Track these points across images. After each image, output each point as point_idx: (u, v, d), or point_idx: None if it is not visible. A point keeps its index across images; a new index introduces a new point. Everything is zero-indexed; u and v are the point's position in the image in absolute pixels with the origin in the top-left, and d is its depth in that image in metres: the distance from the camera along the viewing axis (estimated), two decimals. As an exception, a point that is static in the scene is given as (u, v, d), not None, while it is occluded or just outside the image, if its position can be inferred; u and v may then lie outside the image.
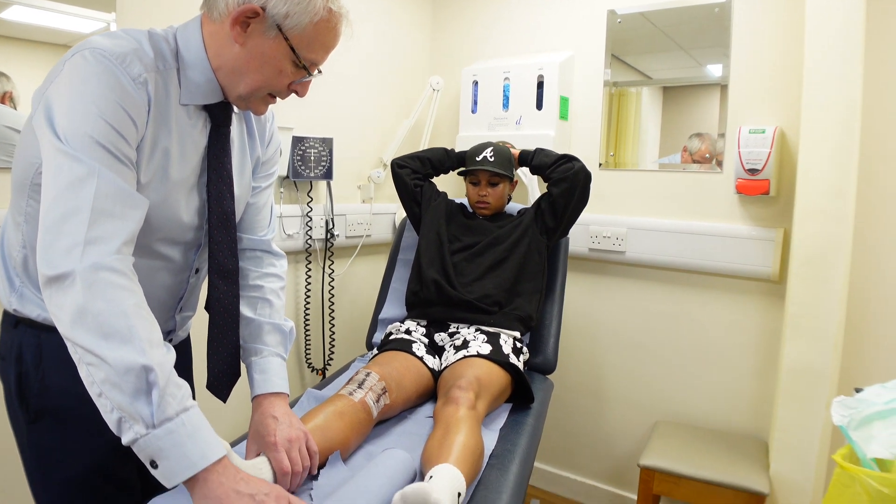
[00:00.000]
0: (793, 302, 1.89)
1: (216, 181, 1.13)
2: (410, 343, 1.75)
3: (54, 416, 1.12)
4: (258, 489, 0.91)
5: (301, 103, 2.22)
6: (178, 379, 0.90)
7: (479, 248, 1.98)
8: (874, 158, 1.91)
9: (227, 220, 1.16)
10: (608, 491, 2.55)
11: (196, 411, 0.89)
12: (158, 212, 1.05)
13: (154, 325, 0.91)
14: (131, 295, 0.89)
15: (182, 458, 0.85)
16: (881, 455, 1.17)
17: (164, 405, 0.84)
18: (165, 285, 1.17)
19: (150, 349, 0.86)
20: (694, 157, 2.27)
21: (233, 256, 1.18)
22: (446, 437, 1.27)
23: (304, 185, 2.29)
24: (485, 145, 2.05)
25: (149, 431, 0.84)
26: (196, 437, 0.87)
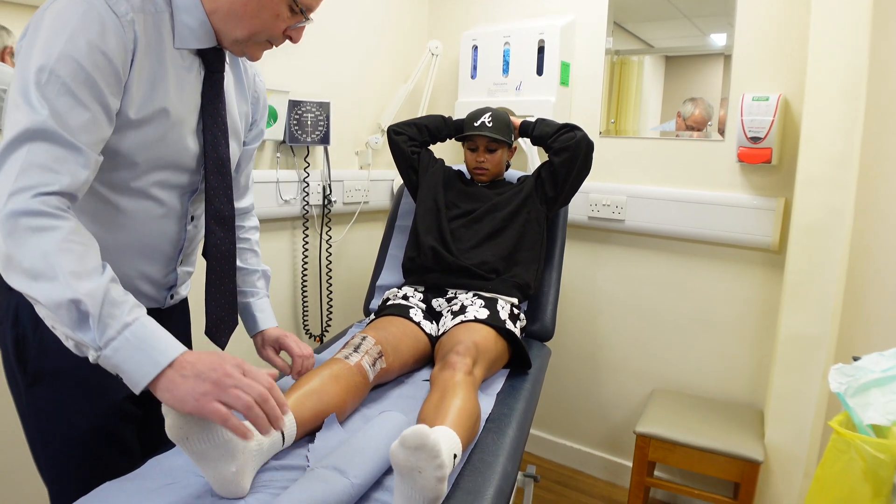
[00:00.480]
0: (792, 271, 1.88)
1: (211, 126, 1.14)
2: (408, 308, 1.74)
3: (52, 378, 1.12)
4: (211, 367, 0.91)
5: (297, 66, 2.21)
6: (117, 296, 0.91)
7: (477, 215, 1.96)
8: (878, 127, 1.89)
9: (223, 165, 1.17)
10: (604, 458, 2.58)
11: (139, 324, 0.91)
12: (156, 150, 1.06)
13: (85, 253, 0.91)
14: (53, 232, 0.88)
15: (136, 369, 0.89)
16: (877, 421, 1.17)
17: (103, 328, 0.88)
18: (165, 234, 1.16)
19: (77, 281, 0.87)
20: (688, 123, 2.25)
21: (229, 203, 1.20)
22: (443, 401, 1.27)
23: (300, 151, 2.27)
24: (483, 110, 2.02)
25: (99, 353, 0.88)
26: (144, 348, 0.90)
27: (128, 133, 1.02)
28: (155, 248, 1.16)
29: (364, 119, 2.54)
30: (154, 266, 1.18)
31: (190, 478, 1.08)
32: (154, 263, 1.18)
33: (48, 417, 1.14)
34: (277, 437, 1.12)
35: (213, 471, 0.99)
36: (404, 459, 0.94)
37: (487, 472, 1.19)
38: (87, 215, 1.05)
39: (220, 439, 0.98)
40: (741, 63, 2.10)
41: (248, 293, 1.44)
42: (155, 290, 1.21)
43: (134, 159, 1.04)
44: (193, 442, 0.97)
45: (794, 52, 1.97)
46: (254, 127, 1.38)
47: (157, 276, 1.20)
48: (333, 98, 2.30)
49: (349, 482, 1.01)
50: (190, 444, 0.97)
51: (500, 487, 1.16)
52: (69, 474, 1.18)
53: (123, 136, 1.02)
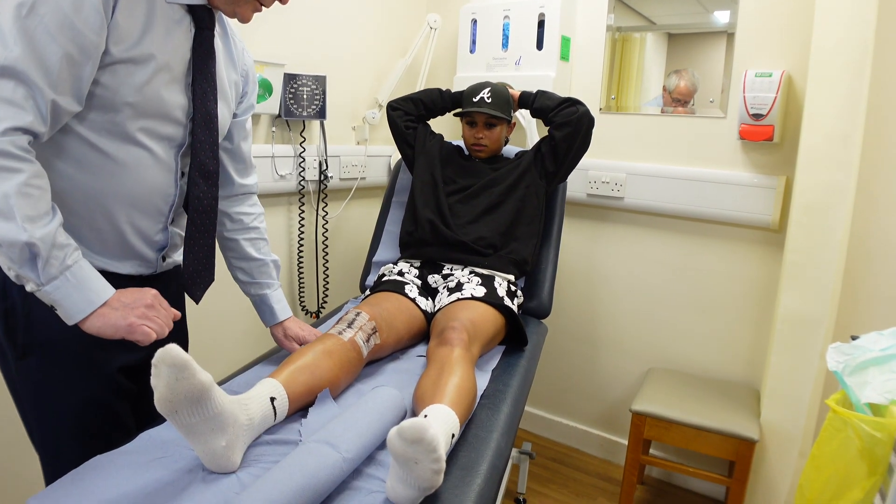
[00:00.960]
0: (791, 250, 1.86)
1: (201, 81, 1.16)
2: (403, 284, 1.73)
3: (42, 350, 1.12)
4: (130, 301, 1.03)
5: (293, 39, 2.17)
6: (63, 239, 0.98)
7: (474, 190, 1.94)
8: (882, 103, 1.86)
9: (210, 120, 1.19)
10: (600, 436, 2.58)
11: (78, 267, 1.00)
12: (142, 95, 1.06)
13: (41, 197, 0.96)
14: (16, 174, 0.93)
15: (72, 305, 0.99)
16: (875, 400, 1.16)
17: (48, 268, 0.96)
18: (156, 186, 1.16)
19: (32, 225, 0.94)
20: (673, 96, 2.22)
21: (214, 158, 1.22)
22: (440, 378, 1.26)
23: (296, 125, 2.23)
24: (482, 85, 1.98)
25: (40, 288, 0.97)
26: (81, 288, 0.99)
27: (112, 72, 1.02)
28: (146, 201, 1.15)
29: (361, 93, 2.50)
30: (146, 220, 1.17)
31: (181, 452, 1.07)
32: (146, 217, 1.17)
33: (40, 390, 1.14)
34: (269, 412, 1.12)
35: (202, 445, 0.98)
36: (401, 450, 0.93)
37: (482, 448, 1.19)
38: (77, 163, 1.06)
39: (209, 412, 0.97)
40: (744, 39, 2.06)
41: (263, 284, 1.47)
42: (147, 248, 1.21)
43: (120, 101, 1.05)
44: (182, 415, 0.96)
45: (798, 27, 1.94)
46: (244, 99, 1.37)
47: (149, 231, 1.19)
48: (330, 72, 2.26)
49: (341, 456, 1.00)
50: (179, 417, 0.96)
51: (494, 463, 1.15)
52: (63, 447, 1.18)
53: (108, 74, 1.02)
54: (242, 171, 1.43)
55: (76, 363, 1.13)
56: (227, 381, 1.39)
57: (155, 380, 0.94)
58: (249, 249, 1.44)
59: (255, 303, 1.50)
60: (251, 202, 1.47)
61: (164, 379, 0.93)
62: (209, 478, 1.00)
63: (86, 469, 1.02)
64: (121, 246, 1.16)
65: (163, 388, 0.94)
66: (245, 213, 1.44)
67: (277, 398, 1.14)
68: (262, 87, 2.02)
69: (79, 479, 0.99)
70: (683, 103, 2.21)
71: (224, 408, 0.99)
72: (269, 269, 1.48)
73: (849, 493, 1.14)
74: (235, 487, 0.98)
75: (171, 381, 0.93)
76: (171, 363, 0.93)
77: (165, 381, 0.93)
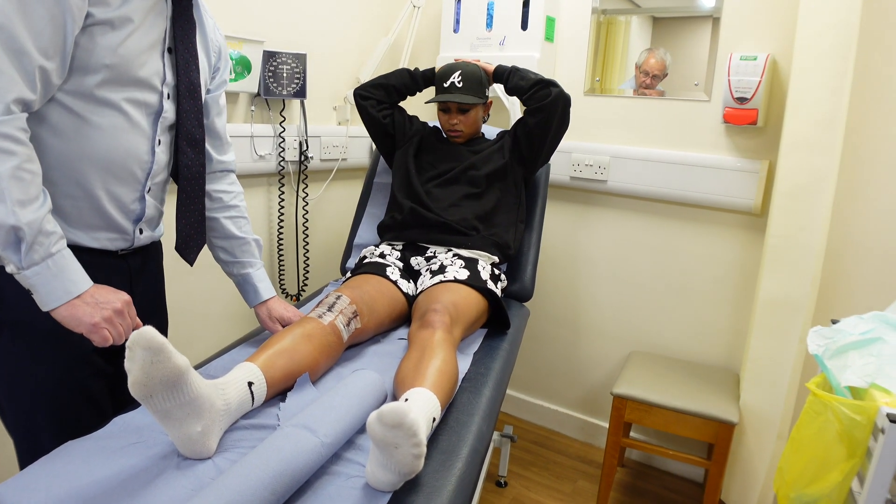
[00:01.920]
0: (773, 234, 1.87)
1: (182, 52, 1.17)
2: (384, 267, 1.70)
3: (15, 329, 1.11)
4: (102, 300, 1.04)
5: (272, 15, 2.12)
6: (49, 227, 1.00)
7: (453, 175, 1.90)
8: (867, 89, 1.85)
9: (194, 89, 1.21)
10: (580, 419, 2.59)
11: (61, 256, 1.01)
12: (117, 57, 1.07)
13: (32, 181, 0.98)
14: (11, 157, 0.95)
15: (48, 293, 1.01)
16: (855, 383, 1.16)
17: (31, 253, 0.98)
18: (131, 151, 1.15)
19: (21, 210, 0.95)
20: (643, 69, 2.22)
21: (200, 127, 1.25)
22: (422, 361, 1.24)
23: (276, 104, 2.19)
24: (452, 68, 1.93)
25: (20, 271, 0.98)
26: (60, 277, 1.01)
27: (90, 34, 1.03)
28: (121, 166, 1.14)
29: (343, 73, 2.46)
30: (121, 187, 1.16)
31: (156, 437, 1.05)
32: (121, 184, 1.16)
33: (13, 369, 1.13)
34: (246, 397, 1.10)
35: (178, 430, 0.96)
36: (381, 435, 0.92)
37: (462, 432, 1.18)
38: (51, 128, 1.05)
39: (185, 397, 0.95)
40: (729, 23, 2.05)
41: (246, 263, 1.46)
42: (123, 217, 1.19)
43: (96, 62, 1.05)
44: (157, 400, 0.94)
45: (783, 11, 1.93)
46: (217, 75, 1.36)
47: (124, 199, 1.18)
48: (311, 50, 2.21)
49: (319, 441, 0.99)
50: (154, 402, 0.94)
51: (475, 447, 1.15)
52: (37, 428, 1.16)
53: (85, 36, 1.02)
54: (219, 147, 1.41)
55: (50, 343, 1.12)
56: (205, 364, 1.37)
57: (129, 363, 0.92)
58: (231, 228, 1.43)
59: (238, 283, 1.49)
60: (230, 180, 1.46)
61: (138, 362, 0.91)
62: (184, 464, 0.98)
63: (57, 455, 1.00)
64: (96, 214, 1.14)
65: (137, 372, 0.91)
66: (224, 192, 1.43)
67: (255, 383, 1.12)
68: (240, 64, 1.97)
69: (49, 465, 0.96)
70: (654, 78, 2.20)
71: (200, 392, 0.97)
72: (251, 247, 1.47)
73: (828, 475, 1.14)
74: (211, 473, 0.97)
75: (146, 364, 0.91)
76: (147, 346, 0.91)
77: (140, 364, 0.91)
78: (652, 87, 2.22)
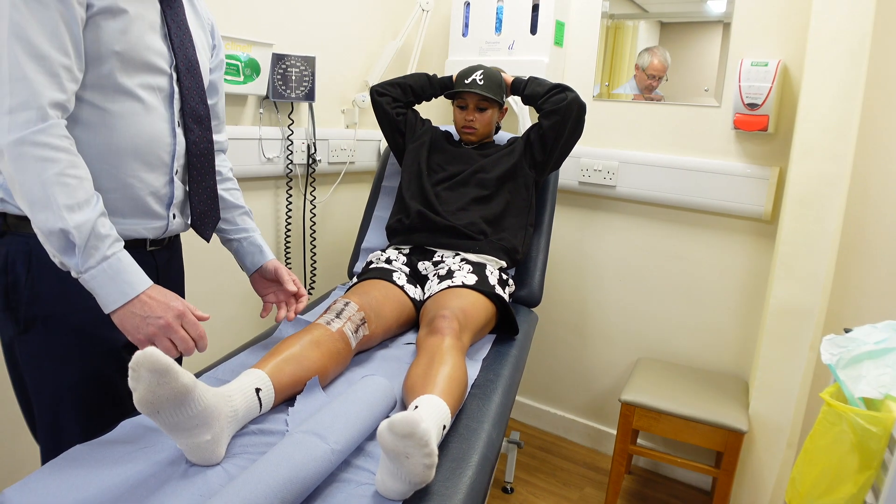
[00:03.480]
0: (784, 241, 1.85)
1: (176, 31, 1.18)
2: (391, 272, 1.69)
3: (45, 323, 1.12)
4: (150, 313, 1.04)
5: (282, 19, 2.12)
6: (104, 230, 1.02)
7: (462, 178, 1.90)
8: (878, 95, 1.84)
9: (193, 66, 1.22)
10: (588, 425, 2.58)
11: (116, 259, 1.03)
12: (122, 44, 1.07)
13: (79, 185, 1.00)
14: (53, 164, 0.97)
15: (107, 295, 1.02)
16: (869, 394, 1.15)
17: (86, 257, 0.99)
18: (155, 136, 1.16)
19: (69, 214, 0.97)
20: (647, 72, 2.21)
21: (203, 103, 1.26)
22: (431, 368, 1.23)
23: (284, 107, 2.19)
24: (475, 68, 1.95)
25: (80, 276, 1.01)
26: (117, 280, 1.02)
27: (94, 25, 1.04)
28: (147, 151, 1.16)
29: (351, 76, 2.46)
30: (152, 173, 1.18)
31: (164, 441, 1.05)
32: (151, 170, 1.17)
33: (41, 363, 1.14)
34: (254, 404, 1.09)
35: (187, 440, 0.96)
36: (392, 444, 0.90)
37: (472, 439, 1.16)
38: (74, 122, 1.06)
39: (193, 411, 0.94)
40: (740, 28, 2.04)
41: (241, 229, 1.48)
42: (157, 203, 1.21)
43: (106, 51, 1.06)
44: (165, 415, 0.93)
45: (795, 16, 1.92)
46: (214, 53, 1.38)
47: (156, 184, 1.19)
48: (319, 53, 2.21)
49: (329, 448, 0.98)
50: (161, 416, 0.93)
51: (485, 455, 1.13)
52: (62, 424, 1.16)
53: (90, 28, 1.04)
54: (217, 126, 1.43)
55: (80, 337, 1.14)
56: (213, 367, 1.36)
57: (134, 382, 0.91)
58: (229, 198, 1.46)
59: (239, 248, 1.49)
60: (222, 157, 1.48)
61: (144, 382, 0.90)
62: (192, 470, 0.97)
63: (65, 460, 0.99)
64: (132, 202, 1.16)
65: (143, 391, 0.90)
66: (221, 166, 1.46)
67: (263, 389, 1.11)
68: (249, 67, 1.97)
69: (57, 470, 0.96)
70: (657, 79, 2.19)
71: (208, 404, 0.96)
72: (248, 216, 1.50)
73: (841, 487, 1.13)
74: (220, 479, 0.96)
75: (152, 385, 0.90)
76: (152, 368, 0.89)
77: (146, 384, 0.90)
78: (654, 88, 2.21)
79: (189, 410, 0.94)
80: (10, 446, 1.61)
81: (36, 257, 1.08)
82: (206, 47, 1.31)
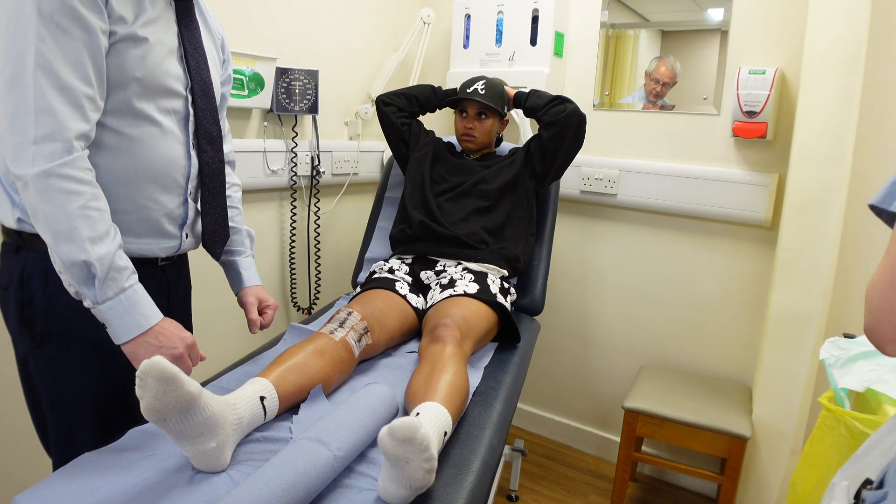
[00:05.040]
0: (784, 247, 1.86)
1: (192, 53, 1.20)
2: (394, 282, 1.71)
3: (61, 338, 1.14)
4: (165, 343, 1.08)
5: (286, 33, 2.15)
6: (122, 262, 1.05)
7: (464, 189, 1.92)
8: (876, 102, 1.86)
9: (208, 88, 1.24)
10: (592, 433, 2.58)
11: (133, 291, 1.06)
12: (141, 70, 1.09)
13: (100, 219, 1.02)
14: (77, 197, 0.99)
15: (121, 326, 1.05)
16: (852, 387, 1.17)
17: (105, 289, 1.02)
18: (171, 159, 1.18)
19: (92, 246, 1.00)
20: (653, 77, 2.23)
21: (216, 124, 1.27)
22: (433, 375, 1.25)
23: (288, 120, 2.22)
24: (478, 78, 1.98)
25: (95, 306, 1.03)
26: (132, 312, 1.05)
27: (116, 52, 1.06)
28: (165, 175, 1.18)
29: (354, 88, 2.49)
30: (167, 195, 1.19)
31: (171, 449, 1.07)
32: (167, 192, 1.19)
33: (56, 378, 1.15)
34: (258, 412, 1.11)
35: (192, 447, 0.98)
36: (392, 449, 0.92)
37: (474, 446, 1.18)
38: (101, 148, 1.08)
39: (199, 418, 0.96)
40: (738, 37, 2.06)
41: (234, 252, 1.48)
42: (171, 224, 1.23)
43: (128, 76, 1.08)
44: (171, 422, 0.95)
45: (791, 24, 1.94)
46: (225, 67, 1.41)
47: (171, 206, 1.21)
48: (322, 66, 2.24)
49: (332, 454, 0.99)
50: (168, 424, 0.95)
51: (486, 461, 1.15)
52: (77, 437, 1.17)
53: (112, 55, 1.05)
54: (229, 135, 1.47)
55: (97, 352, 1.14)
56: (219, 377, 1.38)
57: (141, 391, 0.93)
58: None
59: (227, 269, 1.50)
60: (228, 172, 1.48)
61: (150, 391, 0.93)
62: (198, 477, 0.99)
63: (74, 467, 1.01)
64: (146, 224, 1.18)
65: (150, 399, 0.93)
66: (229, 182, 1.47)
67: (267, 397, 1.13)
68: (253, 81, 2.00)
69: (67, 477, 0.98)
70: (664, 85, 2.21)
71: (213, 412, 0.98)
72: (241, 237, 1.49)
73: (841, 490, 1.14)
74: (225, 485, 0.97)
75: (159, 393, 0.93)
76: (158, 377, 0.92)
77: (153, 392, 0.93)
78: (662, 95, 2.23)
79: (195, 418, 0.96)
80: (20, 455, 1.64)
81: (52, 273, 1.09)
82: (217, 64, 1.33)
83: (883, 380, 1.13)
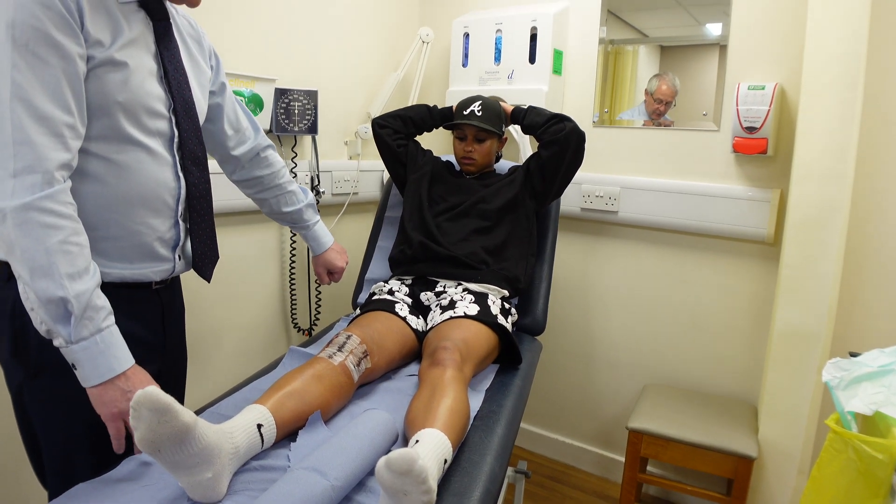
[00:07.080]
0: (787, 265, 1.85)
1: (172, 72, 1.19)
2: (393, 304, 1.70)
3: (54, 369, 1.11)
4: (134, 389, 1.03)
5: (284, 54, 2.16)
6: (99, 302, 1.02)
7: (463, 209, 1.91)
8: (876, 116, 1.85)
9: (190, 108, 1.23)
10: (596, 453, 2.55)
11: (109, 332, 1.02)
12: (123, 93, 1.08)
13: (79, 255, 1.00)
14: (57, 232, 0.97)
15: (93, 368, 1.01)
16: (860, 410, 1.14)
17: (80, 328, 0.99)
18: (160, 182, 1.18)
19: (70, 282, 0.97)
20: (655, 97, 2.22)
21: (200, 144, 1.27)
22: (432, 400, 1.23)
23: (288, 140, 2.22)
24: (474, 98, 1.97)
25: (68, 345, 0.99)
26: (106, 354, 1.02)
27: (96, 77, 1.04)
28: (155, 198, 1.17)
29: (353, 108, 2.49)
30: (157, 218, 1.19)
31: (166, 479, 1.05)
32: (157, 216, 1.18)
33: (51, 407, 1.14)
34: (256, 440, 1.09)
35: (188, 478, 0.96)
36: (390, 481, 0.91)
37: (475, 473, 1.16)
38: (82, 176, 1.06)
39: (194, 448, 0.94)
40: (737, 52, 2.06)
41: (302, 226, 1.74)
42: (163, 247, 1.22)
43: (110, 101, 1.07)
44: (166, 453, 0.94)
45: (790, 39, 1.93)
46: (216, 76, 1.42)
47: (162, 229, 1.20)
48: (321, 86, 2.24)
49: (329, 484, 0.98)
50: (163, 455, 0.94)
51: (488, 489, 1.13)
52: (74, 467, 1.16)
53: (93, 80, 1.04)
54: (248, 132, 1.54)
55: None
56: (216, 403, 1.36)
57: (135, 422, 0.91)
58: (283, 206, 1.66)
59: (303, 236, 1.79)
60: (266, 163, 1.60)
61: (144, 422, 0.91)
62: (194, 507, 0.97)
63: (68, 498, 0.99)
64: (137, 248, 1.17)
65: (144, 430, 0.91)
66: (264, 175, 1.60)
67: (265, 425, 1.11)
68: (252, 102, 2.00)
69: (60, 509, 0.96)
70: (666, 104, 2.21)
71: (209, 442, 0.97)
72: (303, 214, 1.71)
73: (851, 516, 1.11)
74: (222, 517, 0.96)
75: (153, 424, 0.91)
76: (152, 407, 0.90)
77: (147, 423, 0.91)
78: (664, 114, 2.23)
79: (190, 448, 0.94)
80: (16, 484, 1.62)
81: None
82: (202, 83, 1.32)
83: (891, 402, 1.11)
